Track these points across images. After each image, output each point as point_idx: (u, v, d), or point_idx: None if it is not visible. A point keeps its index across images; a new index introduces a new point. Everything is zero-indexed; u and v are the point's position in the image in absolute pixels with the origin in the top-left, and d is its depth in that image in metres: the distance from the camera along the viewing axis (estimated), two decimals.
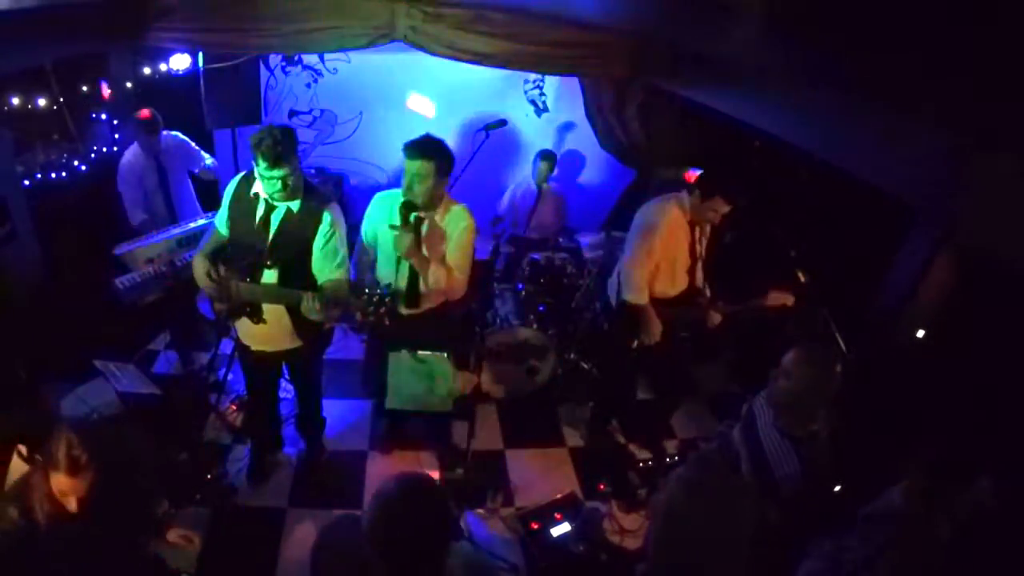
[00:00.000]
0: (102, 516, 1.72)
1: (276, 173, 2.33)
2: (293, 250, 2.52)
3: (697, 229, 3.13)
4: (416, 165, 2.59)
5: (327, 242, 2.52)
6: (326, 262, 2.54)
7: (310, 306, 2.37)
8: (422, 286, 2.78)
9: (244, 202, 2.56)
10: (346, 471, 3.35)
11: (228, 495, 3.10)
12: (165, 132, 3.81)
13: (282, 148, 2.29)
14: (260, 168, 2.34)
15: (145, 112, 3.62)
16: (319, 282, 2.55)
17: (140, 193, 3.78)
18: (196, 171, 4.04)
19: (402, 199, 2.66)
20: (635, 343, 3.20)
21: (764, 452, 2.11)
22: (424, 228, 2.73)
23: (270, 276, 2.55)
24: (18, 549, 1.64)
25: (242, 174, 2.63)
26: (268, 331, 2.69)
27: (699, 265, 3.20)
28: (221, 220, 2.67)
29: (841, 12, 1.63)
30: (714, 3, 2.20)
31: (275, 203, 2.48)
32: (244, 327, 2.75)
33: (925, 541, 1.63)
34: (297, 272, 2.54)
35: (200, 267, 2.60)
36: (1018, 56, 1.28)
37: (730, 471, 1.65)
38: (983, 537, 1.74)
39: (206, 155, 4.10)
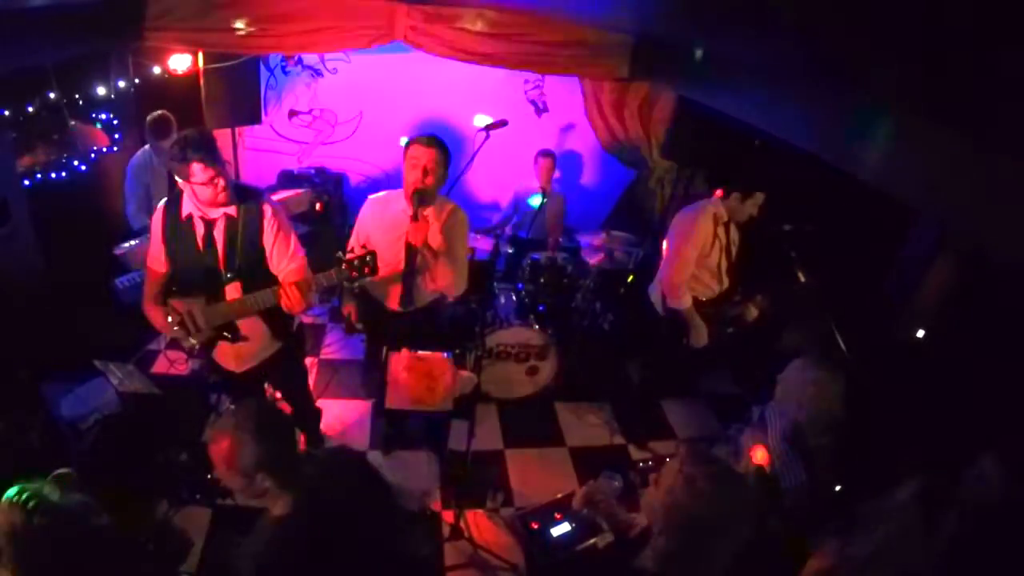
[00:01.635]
0: None
1: (212, 170, 2.22)
2: (247, 256, 2.44)
3: (731, 230, 3.27)
4: (433, 153, 2.63)
5: (275, 235, 2.46)
6: (282, 256, 2.49)
7: (290, 296, 2.31)
8: (427, 283, 2.81)
9: (178, 228, 2.41)
10: None
11: (228, 495, 3.10)
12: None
13: (212, 146, 2.22)
14: (197, 175, 2.21)
15: (157, 114, 3.61)
16: (281, 278, 2.47)
17: (145, 197, 3.75)
18: None
19: (413, 190, 2.65)
20: (684, 344, 3.36)
21: (772, 461, 2.11)
22: None
23: (232, 291, 2.45)
24: None
25: (160, 204, 2.47)
26: (250, 345, 2.60)
27: (733, 264, 3.34)
28: (156, 259, 2.49)
29: (841, 11, 1.63)
30: (715, 3, 2.20)
31: (212, 215, 2.38)
32: (224, 352, 2.64)
33: (927, 539, 1.63)
34: (258, 276, 2.46)
35: (155, 315, 2.48)
36: (1018, 56, 1.28)
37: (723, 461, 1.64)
38: (987, 528, 1.72)
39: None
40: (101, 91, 3.77)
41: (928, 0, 1.18)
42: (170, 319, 2.42)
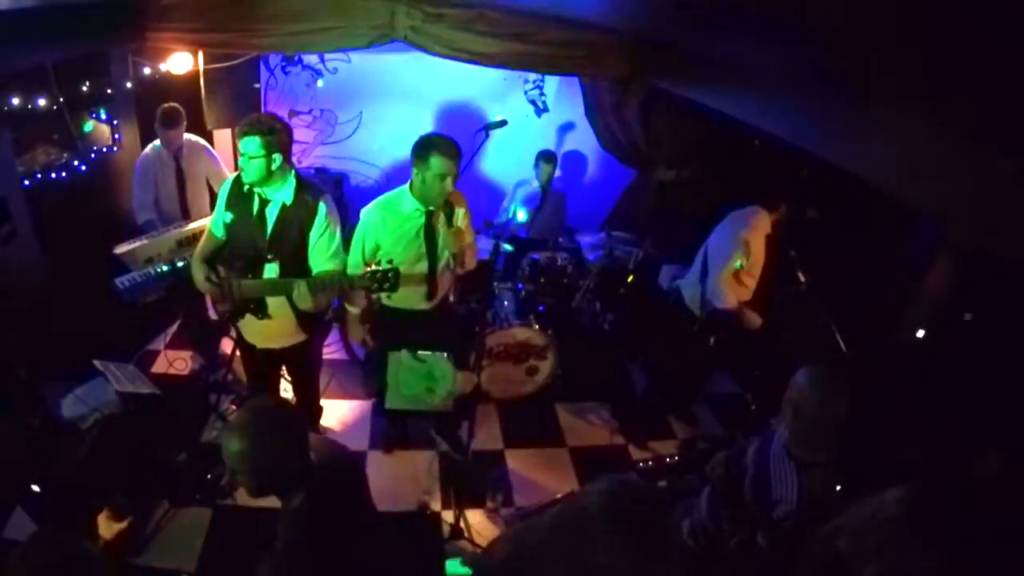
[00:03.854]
0: None
1: (254, 141, 2.37)
2: (291, 243, 2.57)
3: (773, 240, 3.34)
4: (455, 165, 2.69)
5: (322, 233, 2.59)
6: (322, 253, 2.61)
7: (300, 293, 2.45)
8: (457, 268, 3.00)
9: (239, 200, 2.60)
10: None
11: (228, 495, 3.10)
12: (192, 138, 3.81)
13: (260, 122, 2.39)
14: (242, 145, 2.40)
15: (167, 105, 3.62)
16: (314, 273, 2.60)
17: (152, 193, 3.75)
18: (214, 184, 3.97)
19: (443, 200, 2.77)
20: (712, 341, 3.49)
21: (768, 472, 2.06)
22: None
23: (271, 270, 2.60)
24: None
25: (234, 175, 2.66)
26: (274, 327, 2.74)
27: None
28: (216, 223, 2.69)
29: (841, 11, 1.63)
30: (715, 3, 2.20)
31: (268, 196, 2.53)
32: (249, 326, 2.79)
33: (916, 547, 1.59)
34: (296, 265, 2.60)
35: (199, 272, 2.66)
36: (1019, 55, 1.28)
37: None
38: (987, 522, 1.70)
39: (227, 171, 4.07)
40: (101, 91, 3.77)
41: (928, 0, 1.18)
42: (211, 279, 2.60)
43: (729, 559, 2.10)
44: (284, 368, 3.16)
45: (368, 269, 2.55)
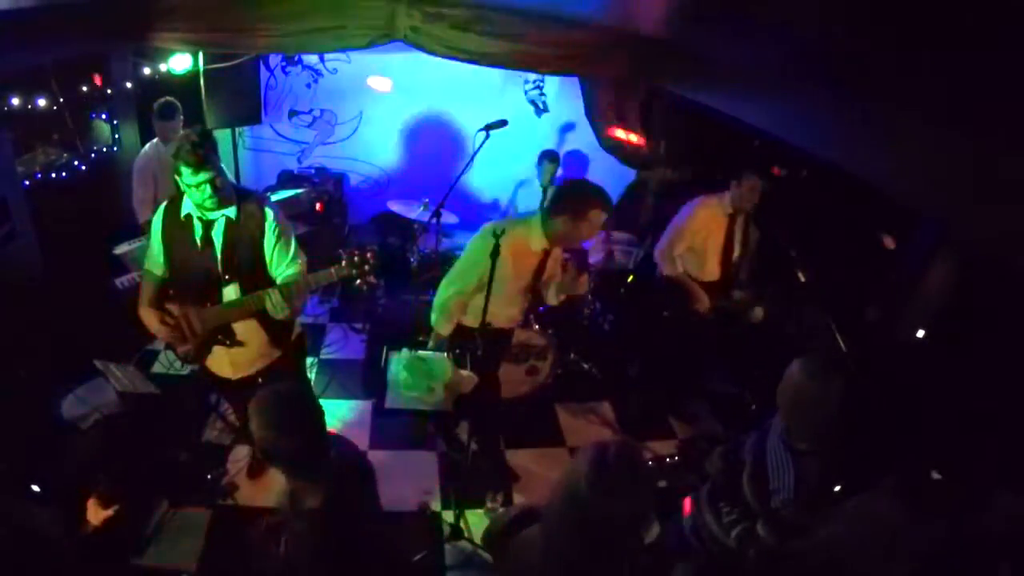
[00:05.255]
0: None
1: (202, 177, 2.19)
2: (246, 259, 2.40)
3: (737, 224, 3.49)
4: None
5: (277, 240, 2.43)
6: (281, 259, 2.45)
7: (275, 302, 2.29)
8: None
9: (177, 229, 2.40)
10: None
11: (228, 495, 3.10)
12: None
13: (202, 150, 2.19)
14: (185, 177, 2.21)
15: (162, 99, 3.61)
16: (279, 281, 2.45)
17: (151, 191, 3.74)
18: None
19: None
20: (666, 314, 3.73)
21: (765, 462, 2.08)
22: None
23: (231, 292, 2.42)
24: None
25: (162, 205, 2.46)
26: (246, 353, 2.58)
27: (735, 259, 3.57)
28: (154, 260, 2.47)
29: (842, 12, 1.63)
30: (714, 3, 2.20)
31: (210, 217, 2.35)
32: (219, 359, 2.60)
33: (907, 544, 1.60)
34: (256, 279, 2.43)
35: (151, 319, 2.44)
36: (1019, 55, 1.28)
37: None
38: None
39: (225, 168, 4.06)
40: (101, 91, 3.77)
41: (928, 1, 1.18)
42: (167, 322, 2.40)
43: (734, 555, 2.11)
44: None
45: (344, 256, 2.36)
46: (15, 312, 3.04)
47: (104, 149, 3.99)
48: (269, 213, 2.42)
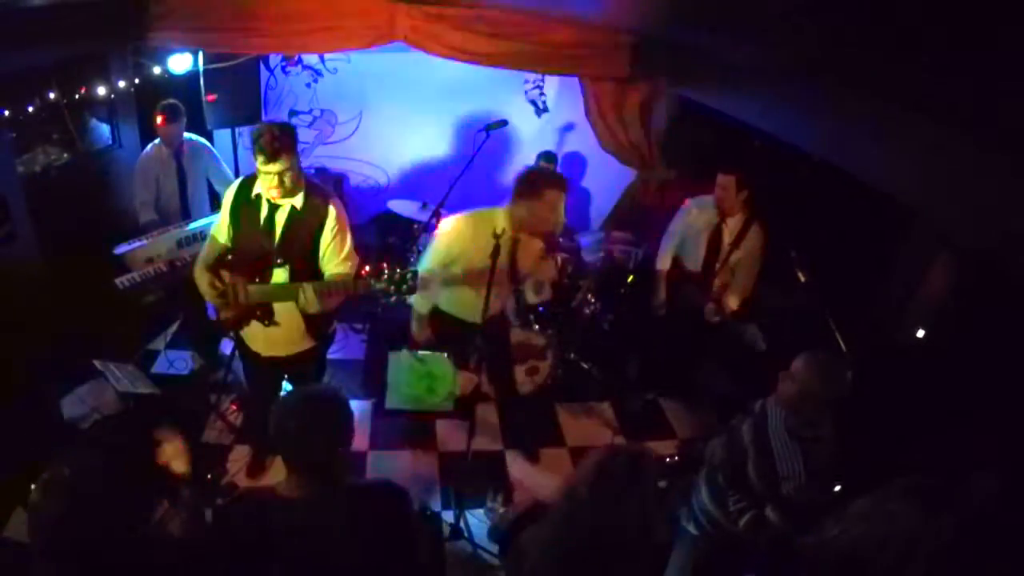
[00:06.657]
0: None
1: (273, 168, 2.32)
2: (301, 247, 2.52)
3: (727, 227, 3.50)
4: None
5: (334, 236, 2.54)
6: (334, 256, 2.56)
7: (307, 297, 2.38)
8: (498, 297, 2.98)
9: (246, 205, 2.54)
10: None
11: (228, 495, 3.10)
12: (193, 137, 3.80)
13: (279, 143, 2.29)
14: (258, 163, 2.34)
15: (166, 101, 3.61)
16: (325, 277, 2.55)
17: (153, 192, 3.73)
18: (215, 183, 3.97)
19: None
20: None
21: (771, 451, 2.14)
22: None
23: (280, 275, 2.54)
24: None
25: (241, 179, 2.61)
26: (281, 334, 2.67)
27: (718, 260, 3.59)
28: (219, 228, 2.63)
29: (842, 12, 1.63)
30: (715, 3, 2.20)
31: (277, 202, 2.48)
32: (254, 333, 2.72)
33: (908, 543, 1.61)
34: (306, 269, 2.54)
35: (203, 279, 2.57)
36: (1019, 55, 1.28)
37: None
38: (984, 539, 1.73)
39: (229, 170, 4.07)
40: (101, 91, 3.77)
41: (928, 1, 1.18)
42: (215, 285, 2.52)
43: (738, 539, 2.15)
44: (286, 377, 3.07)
45: (387, 274, 2.40)
46: (16, 312, 3.04)
47: (104, 149, 3.99)
48: (332, 210, 2.53)
